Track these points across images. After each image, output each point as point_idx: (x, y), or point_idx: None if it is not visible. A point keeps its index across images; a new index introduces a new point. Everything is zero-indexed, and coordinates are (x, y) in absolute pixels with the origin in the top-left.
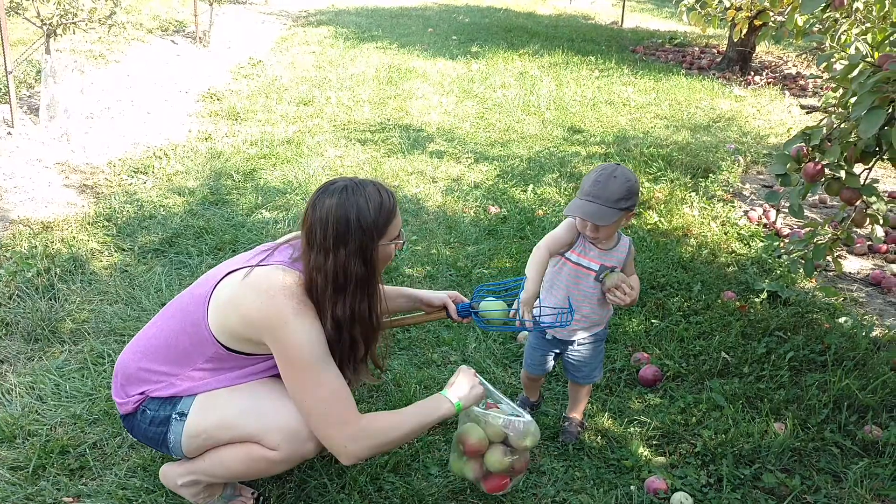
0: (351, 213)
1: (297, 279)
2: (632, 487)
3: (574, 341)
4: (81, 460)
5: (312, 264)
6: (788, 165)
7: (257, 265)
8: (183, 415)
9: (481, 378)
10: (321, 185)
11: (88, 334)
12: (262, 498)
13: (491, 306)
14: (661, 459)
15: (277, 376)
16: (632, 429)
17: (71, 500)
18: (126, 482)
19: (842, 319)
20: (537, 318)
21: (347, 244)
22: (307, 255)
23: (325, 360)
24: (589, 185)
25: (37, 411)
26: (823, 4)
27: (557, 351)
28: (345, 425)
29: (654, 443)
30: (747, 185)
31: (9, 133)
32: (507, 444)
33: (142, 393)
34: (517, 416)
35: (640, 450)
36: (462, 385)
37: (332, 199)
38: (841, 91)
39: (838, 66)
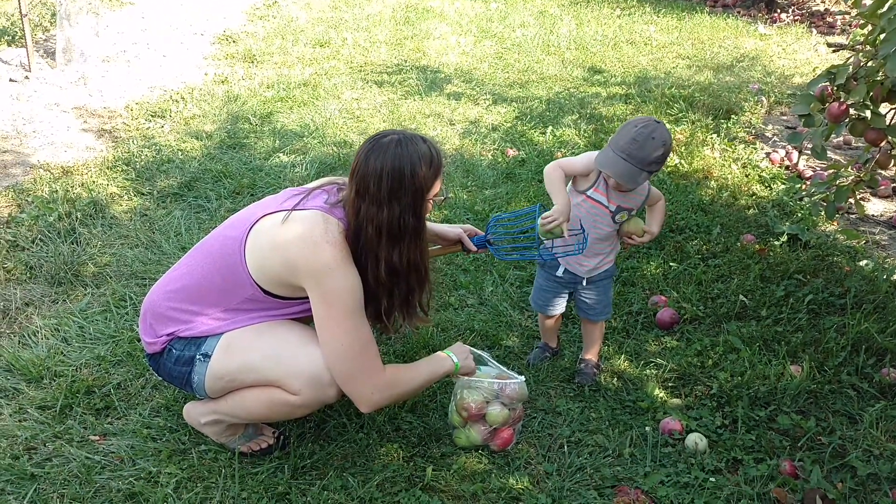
0: (406, 167)
1: (339, 226)
2: (647, 428)
3: (583, 279)
4: (106, 400)
5: (364, 215)
6: (812, 105)
7: (293, 209)
8: (207, 356)
9: (474, 350)
10: (372, 136)
11: (110, 277)
12: (282, 437)
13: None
14: (676, 401)
15: (304, 321)
16: (648, 371)
17: (97, 438)
18: (150, 421)
19: (862, 262)
20: (553, 247)
21: (401, 198)
22: (356, 204)
23: (362, 311)
24: (626, 142)
25: (62, 353)
26: None
27: (569, 291)
28: (374, 374)
29: (670, 385)
30: (770, 127)
31: (26, 77)
32: (501, 399)
33: (170, 334)
34: (508, 377)
35: (656, 391)
36: (460, 352)
37: (386, 152)
38: (869, 28)
39: (867, 2)
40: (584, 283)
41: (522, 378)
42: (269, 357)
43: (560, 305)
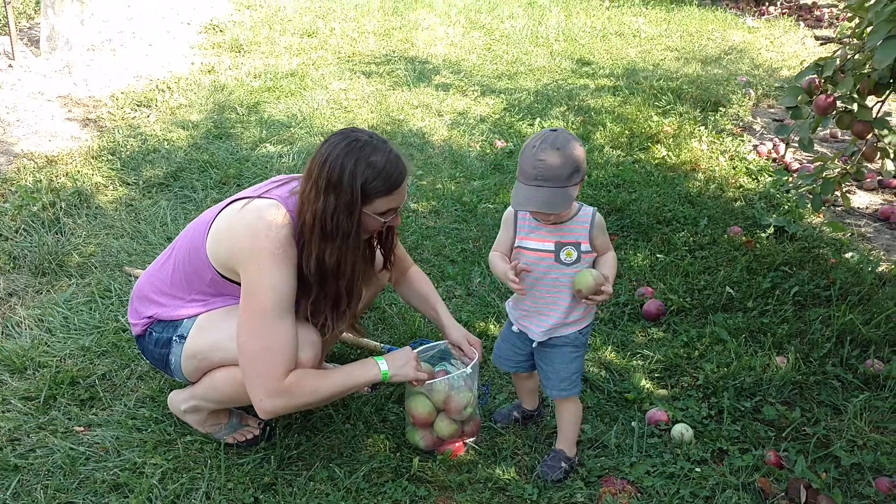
0: (347, 167)
1: (285, 218)
2: (633, 423)
3: (535, 341)
4: (91, 391)
5: (305, 197)
6: (799, 98)
7: (258, 196)
8: (182, 337)
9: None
10: (348, 127)
11: (95, 268)
12: (268, 428)
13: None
14: (662, 392)
15: None
16: (634, 362)
17: (82, 429)
18: (135, 412)
19: (848, 254)
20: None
21: (339, 195)
22: (305, 183)
23: (283, 313)
24: (531, 167)
25: (46, 343)
26: None
27: (528, 349)
28: (268, 380)
29: (657, 376)
30: (758, 119)
31: (10, 65)
32: (447, 413)
33: (150, 316)
34: (459, 382)
35: (643, 382)
36: (397, 358)
37: (340, 144)
38: (857, 20)
39: None
40: (535, 345)
41: (463, 371)
42: (234, 337)
43: (519, 363)
